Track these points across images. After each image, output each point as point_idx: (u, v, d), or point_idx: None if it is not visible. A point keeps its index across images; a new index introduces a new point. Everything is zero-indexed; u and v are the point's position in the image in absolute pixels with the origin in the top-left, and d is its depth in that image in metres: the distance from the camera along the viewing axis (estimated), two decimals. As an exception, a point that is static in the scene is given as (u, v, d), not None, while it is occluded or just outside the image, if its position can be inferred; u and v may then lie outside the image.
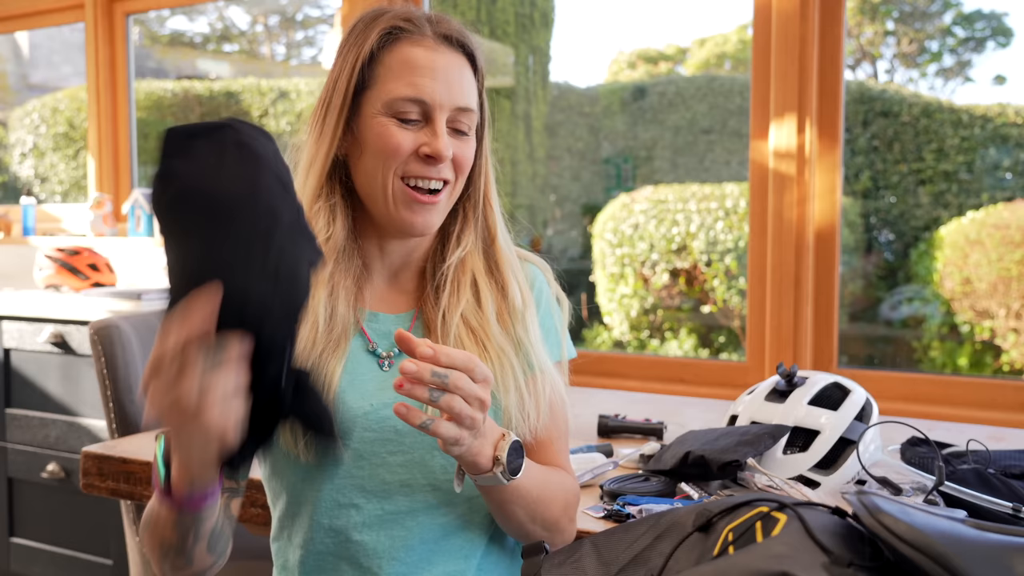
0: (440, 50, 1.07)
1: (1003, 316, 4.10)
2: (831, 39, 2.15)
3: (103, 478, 1.54)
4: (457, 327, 1.10)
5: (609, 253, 5.01)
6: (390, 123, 1.05)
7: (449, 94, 1.06)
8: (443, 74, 1.06)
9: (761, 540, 0.72)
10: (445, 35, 1.08)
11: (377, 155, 1.06)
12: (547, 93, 5.95)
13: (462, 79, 1.08)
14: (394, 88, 1.05)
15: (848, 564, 0.67)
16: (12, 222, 3.61)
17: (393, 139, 1.05)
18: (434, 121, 1.05)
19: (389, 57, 1.06)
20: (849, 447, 1.30)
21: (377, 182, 1.07)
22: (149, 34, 5.74)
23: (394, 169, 1.05)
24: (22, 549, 2.90)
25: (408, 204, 1.06)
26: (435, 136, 1.05)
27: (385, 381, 1.09)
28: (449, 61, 1.07)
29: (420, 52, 1.06)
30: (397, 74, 1.05)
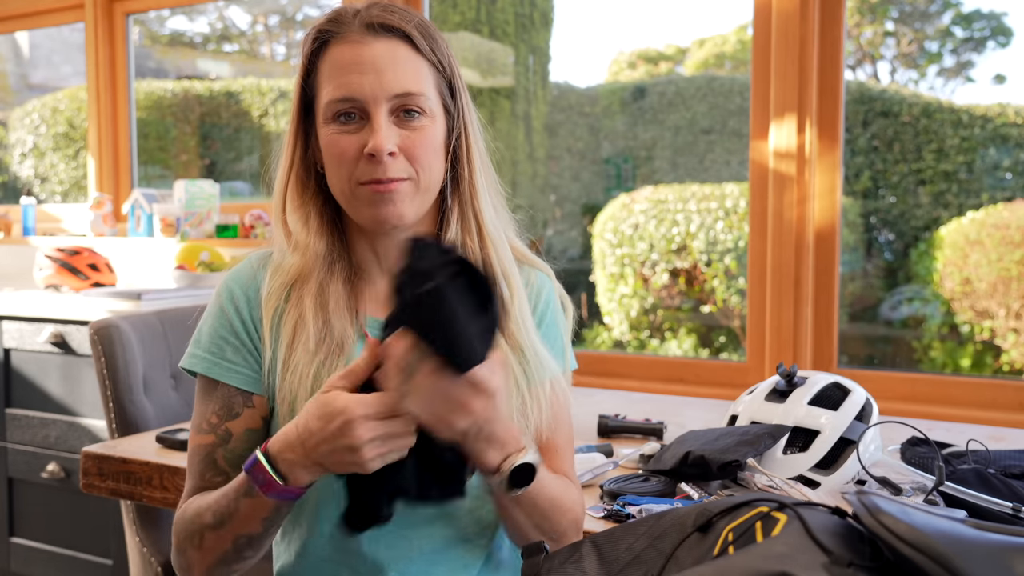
0: (365, 41, 1.04)
1: (1003, 316, 4.10)
2: (831, 39, 2.15)
3: (103, 478, 1.54)
4: None
5: (609, 253, 5.01)
6: (333, 130, 1.04)
7: (381, 84, 1.02)
8: (372, 66, 1.03)
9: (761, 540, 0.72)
10: (369, 24, 1.04)
11: (331, 164, 1.06)
12: (547, 93, 5.94)
13: (396, 64, 1.04)
14: (328, 92, 1.04)
15: (848, 564, 0.67)
16: (12, 222, 3.61)
17: (337, 147, 1.04)
18: (372, 116, 1.03)
19: (322, 64, 1.06)
20: (849, 447, 1.30)
21: (339, 190, 1.06)
22: (149, 34, 5.74)
23: (348, 176, 1.04)
24: (22, 549, 2.90)
25: (370, 201, 1.04)
26: (373, 132, 1.02)
27: None
28: (376, 51, 1.03)
29: (346, 49, 1.04)
30: (329, 78, 1.04)
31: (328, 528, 1.07)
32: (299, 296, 1.07)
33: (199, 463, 1.08)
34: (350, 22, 1.05)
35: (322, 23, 1.06)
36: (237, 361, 1.08)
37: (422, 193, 1.07)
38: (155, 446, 1.60)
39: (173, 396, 1.96)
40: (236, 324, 1.09)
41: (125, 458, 1.52)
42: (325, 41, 1.06)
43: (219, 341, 1.09)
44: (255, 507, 0.95)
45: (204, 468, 1.08)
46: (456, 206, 1.12)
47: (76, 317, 2.71)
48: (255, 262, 1.13)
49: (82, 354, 2.71)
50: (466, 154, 1.11)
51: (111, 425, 1.82)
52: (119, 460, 1.53)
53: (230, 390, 1.08)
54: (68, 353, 2.75)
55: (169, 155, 5.34)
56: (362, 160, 1.03)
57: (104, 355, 1.81)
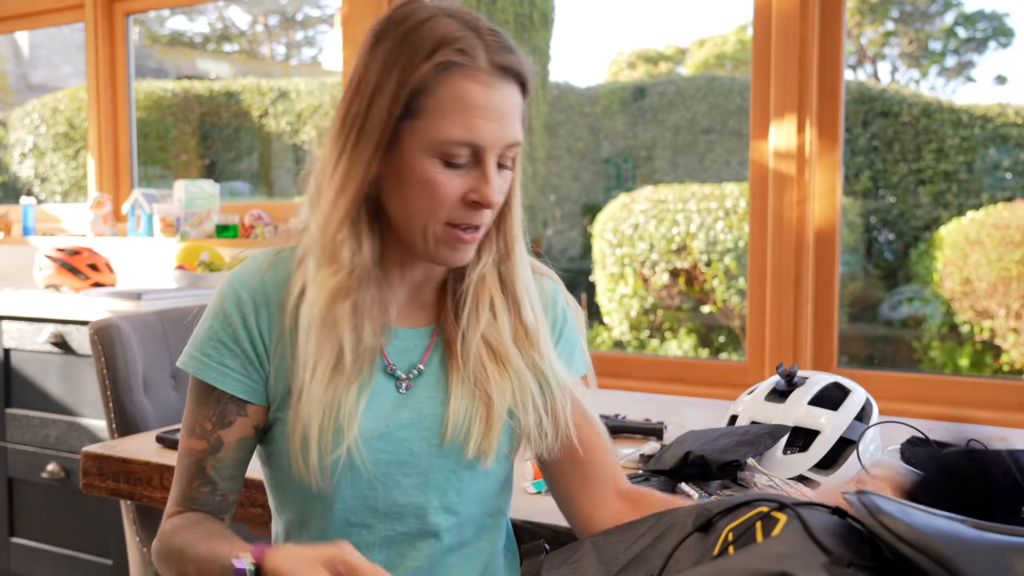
0: (496, 86, 0.97)
1: (1003, 316, 4.10)
2: (831, 39, 2.15)
3: (103, 478, 1.54)
4: (477, 347, 1.07)
5: (609, 253, 5.01)
6: (437, 167, 0.97)
7: (502, 133, 0.98)
8: (498, 113, 0.97)
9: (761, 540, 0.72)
10: (502, 67, 0.98)
11: (420, 198, 0.98)
12: (547, 93, 5.94)
13: (514, 114, 0.99)
14: (446, 129, 0.96)
15: (848, 564, 0.67)
16: (12, 222, 3.61)
17: (441, 187, 0.97)
18: (484, 164, 0.98)
19: (441, 90, 0.96)
20: (849, 447, 1.30)
21: (417, 222, 1.00)
22: (149, 34, 5.74)
23: (439, 216, 0.98)
24: (22, 549, 2.90)
25: (449, 243, 1.00)
26: (485, 182, 0.98)
27: (402, 402, 1.06)
28: (505, 96, 0.98)
29: (476, 90, 0.96)
30: (450, 112, 0.96)
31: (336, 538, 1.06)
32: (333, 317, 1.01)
33: (188, 468, 1.07)
34: (478, 54, 0.96)
35: (445, 50, 0.96)
36: (236, 368, 1.05)
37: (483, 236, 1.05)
38: (155, 446, 1.60)
39: (173, 396, 1.96)
40: (239, 331, 1.04)
41: (125, 458, 1.52)
42: (446, 68, 0.96)
43: (218, 345, 1.05)
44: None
45: (192, 475, 1.07)
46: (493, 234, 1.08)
47: (76, 317, 2.71)
48: (262, 263, 1.08)
49: (82, 354, 2.71)
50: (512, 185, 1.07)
51: (111, 425, 1.82)
52: (119, 460, 1.53)
53: (225, 396, 1.05)
54: (68, 353, 2.75)
55: (169, 155, 5.34)
56: (460, 203, 0.98)
57: (104, 355, 1.81)
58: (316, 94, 5.46)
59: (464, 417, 1.06)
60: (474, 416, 1.06)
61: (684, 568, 0.78)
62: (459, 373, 1.07)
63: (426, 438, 1.06)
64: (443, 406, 1.07)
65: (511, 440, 1.10)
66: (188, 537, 1.01)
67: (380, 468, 1.03)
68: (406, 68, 0.96)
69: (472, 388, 1.07)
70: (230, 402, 1.05)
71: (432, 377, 1.08)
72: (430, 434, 1.06)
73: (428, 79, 0.96)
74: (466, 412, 1.06)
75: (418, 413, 1.06)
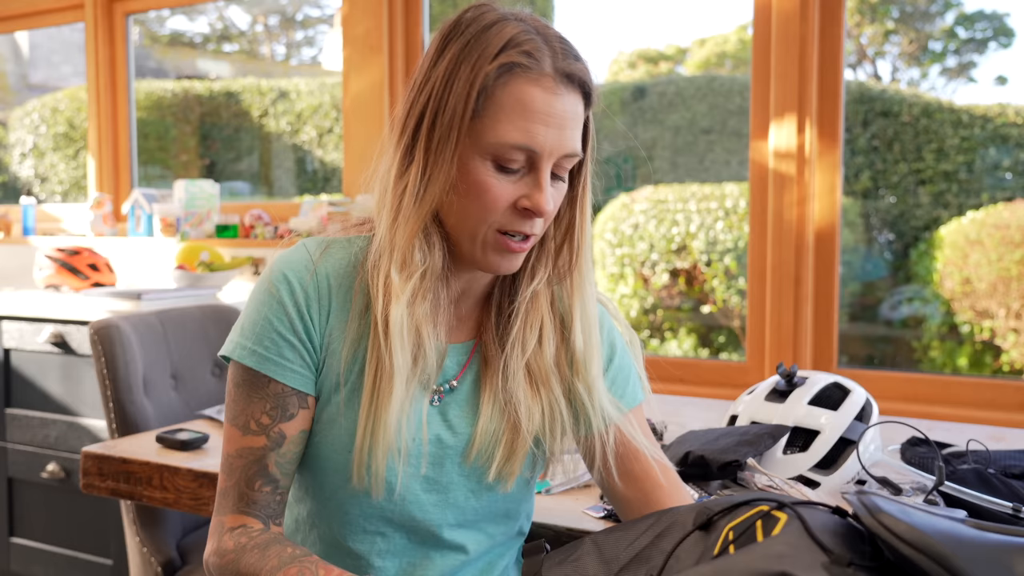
0: (559, 92, 0.96)
1: (1003, 316, 4.10)
2: (831, 39, 2.15)
3: (103, 478, 1.54)
4: (517, 368, 1.04)
5: (609, 253, 5.01)
6: (491, 171, 0.96)
7: (560, 141, 0.96)
8: (558, 120, 0.95)
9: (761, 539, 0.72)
10: (567, 74, 0.96)
11: (472, 202, 0.97)
12: (547, 93, 5.94)
13: (576, 123, 0.98)
14: (504, 131, 0.94)
15: (848, 564, 0.67)
16: (12, 222, 3.61)
17: (492, 191, 0.96)
18: (539, 171, 0.96)
19: (503, 93, 0.95)
20: (849, 447, 1.30)
21: (467, 226, 0.98)
22: (149, 34, 5.74)
23: (490, 221, 0.97)
24: (22, 549, 2.90)
25: (498, 250, 0.99)
26: (538, 189, 0.96)
27: (431, 417, 1.04)
28: (567, 104, 0.96)
29: (538, 94, 0.94)
30: (509, 115, 0.94)
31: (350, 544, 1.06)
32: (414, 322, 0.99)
33: (247, 467, 1.01)
34: (542, 59, 0.95)
35: (511, 51, 0.95)
36: (294, 360, 1.01)
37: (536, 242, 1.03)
38: (155, 446, 1.60)
39: (173, 396, 1.96)
40: (296, 322, 1.01)
41: (125, 458, 1.52)
42: (510, 70, 0.95)
43: (274, 336, 1.01)
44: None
45: (254, 474, 1.01)
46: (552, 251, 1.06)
47: (76, 317, 2.71)
48: (314, 252, 1.04)
49: (82, 354, 2.71)
50: (581, 202, 1.04)
51: (111, 425, 1.82)
52: (119, 460, 1.53)
53: (285, 389, 1.01)
54: (68, 353, 2.75)
55: (169, 155, 5.34)
56: (511, 210, 0.97)
57: (104, 355, 1.81)
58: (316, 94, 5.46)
59: (490, 440, 1.04)
60: (500, 440, 1.04)
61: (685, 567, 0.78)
62: (491, 392, 1.05)
63: (451, 456, 1.05)
64: (471, 427, 1.05)
65: (534, 467, 1.08)
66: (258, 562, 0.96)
67: (401, 481, 1.02)
68: (474, 68, 0.95)
69: (502, 409, 1.04)
70: (291, 395, 1.01)
71: (463, 394, 1.06)
72: (454, 452, 1.05)
73: (491, 80, 0.94)
74: (493, 434, 1.04)
75: (447, 429, 1.05)
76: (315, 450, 1.04)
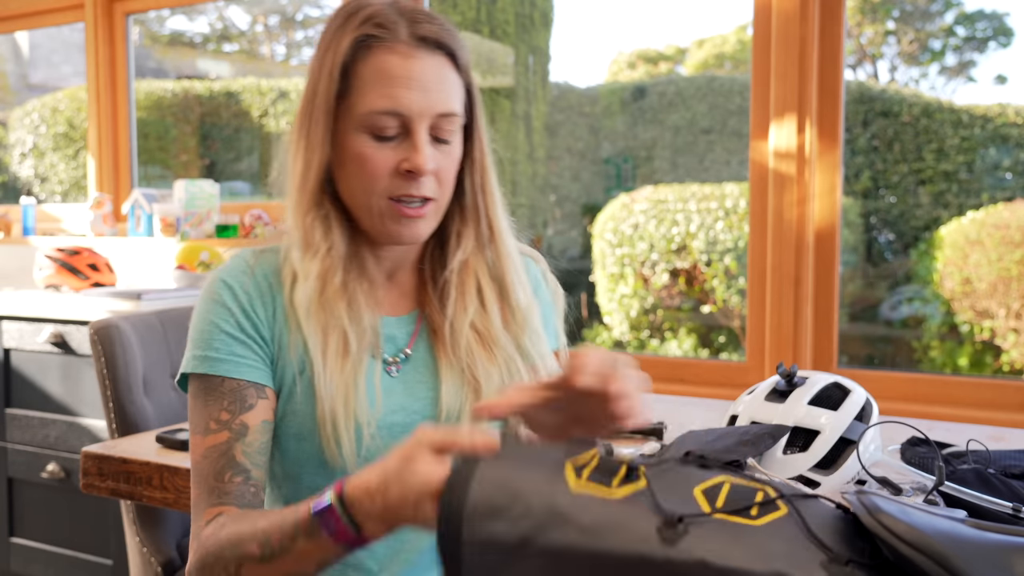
0: (416, 55, 1.00)
1: (1003, 316, 4.10)
2: (831, 39, 2.15)
3: (103, 478, 1.54)
4: (467, 334, 1.07)
5: (609, 253, 5.01)
6: (367, 141, 1.01)
7: (428, 102, 1.00)
8: (420, 82, 0.99)
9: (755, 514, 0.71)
10: (421, 37, 1.00)
11: (357, 174, 1.02)
12: (547, 93, 5.95)
13: (442, 83, 1.01)
14: (370, 101, 0.99)
15: (847, 562, 0.67)
16: (12, 222, 3.61)
17: (371, 160, 1.00)
18: (414, 133, 1.00)
19: (363, 67, 1.00)
20: (849, 447, 1.30)
21: (360, 200, 1.03)
22: (149, 34, 5.74)
23: (378, 190, 1.01)
24: (22, 549, 2.90)
25: (395, 218, 1.02)
26: (415, 150, 1.00)
27: (392, 387, 1.07)
28: (426, 66, 1.00)
29: (395, 60, 0.99)
30: (372, 85, 0.99)
31: None
32: (325, 299, 1.03)
33: (214, 463, 1.00)
34: (396, 28, 1.00)
35: (365, 25, 1.00)
36: (245, 355, 1.03)
37: (439, 212, 1.06)
38: (155, 446, 1.60)
39: (173, 396, 1.96)
40: (242, 319, 1.04)
41: (125, 458, 1.52)
42: (367, 44, 1.00)
43: (223, 336, 1.03)
44: (315, 550, 0.86)
45: (222, 467, 1.00)
46: (471, 218, 1.10)
47: (76, 317, 2.71)
48: (249, 259, 1.10)
49: (82, 354, 2.71)
50: (480, 166, 1.08)
51: (111, 425, 1.82)
52: (119, 460, 1.53)
53: (240, 383, 1.02)
54: (68, 353, 2.75)
55: (169, 155, 5.34)
56: (396, 175, 1.01)
57: (104, 355, 1.81)
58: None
59: (456, 404, 1.07)
60: (465, 403, 1.07)
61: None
62: (446, 358, 1.08)
63: (419, 422, 1.06)
64: (433, 390, 1.07)
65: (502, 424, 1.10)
66: (242, 525, 0.93)
67: (373, 454, 1.02)
68: (336, 50, 1.01)
69: (461, 373, 1.07)
70: (247, 387, 1.02)
71: (420, 362, 1.09)
72: (421, 417, 1.06)
73: (350, 57, 1.00)
74: (456, 397, 1.07)
75: (410, 396, 1.07)
76: (287, 443, 1.06)
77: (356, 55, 1.00)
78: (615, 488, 0.74)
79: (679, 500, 0.72)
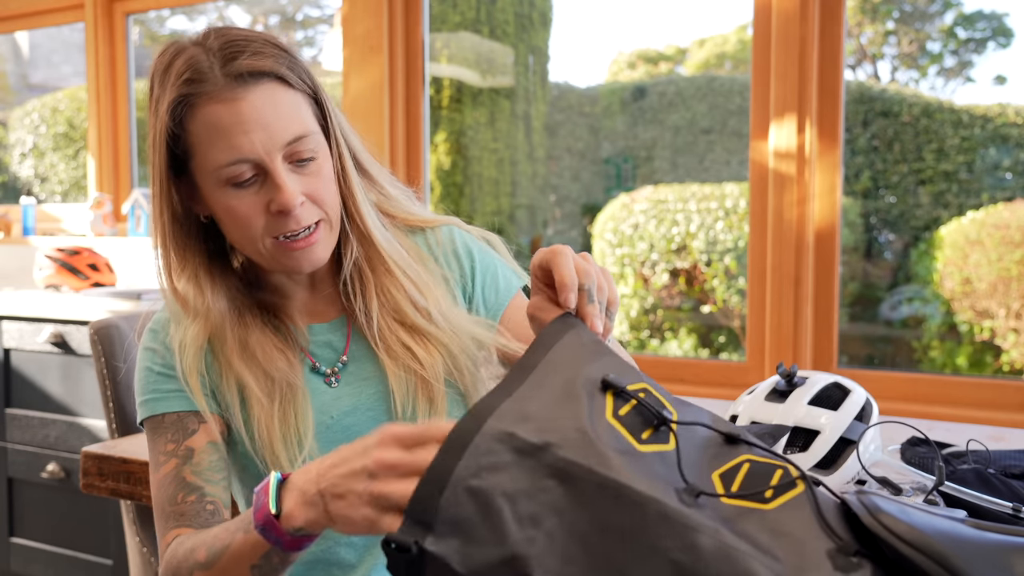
0: (240, 96, 0.95)
1: (1003, 316, 4.10)
2: (831, 39, 2.15)
3: (103, 478, 1.54)
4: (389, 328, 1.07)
5: (609, 253, 5.01)
6: (229, 193, 0.97)
7: (271, 137, 0.95)
8: (254, 121, 0.95)
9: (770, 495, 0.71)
10: (237, 75, 0.95)
11: (233, 226, 1.00)
12: (547, 93, 5.94)
13: (278, 110, 0.96)
14: (212, 157, 0.96)
15: (855, 552, 0.67)
16: (12, 222, 3.61)
17: (238, 210, 0.98)
18: (270, 172, 0.96)
19: (192, 126, 0.96)
20: (849, 447, 1.30)
21: (246, 247, 1.02)
22: (149, 34, 5.74)
23: (258, 236, 0.99)
24: (22, 549, 2.90)
25: (287, 255, 1.00)
26: (278, 190, 0.96)
27: (338, 393, 1.07)
28: (254, 102, 0.95)
29: (220, 110, 0.95)
30: (208, 142, 0.96)
31: None
32: (225, 359, 1.04)
33: (167, 489, 1.01)
34: (210, 75, 0.95)
35: (179, 85, 0.95)
36: (178, 388, 1.04)
37: (333, 228, 1.04)
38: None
39: (173, 396, 1.96)
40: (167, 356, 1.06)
41: (125, 458, 1.52)
42: (190, 104, 0.96)
43: (154, 378, 1.06)
44: (246, 546, 0.83)
45: (173, 492, 1.00)
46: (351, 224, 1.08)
47: (76, 317, 2.71)
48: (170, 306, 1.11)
49: (82, 354, 2.71)
50: (342, 169, 1.05)
51: (111, 425, 1.82)
52: (119, 460, 1.53)
53: (179, 415, 1.04)
54: (68, 353, 2.75)
55: (169, 155, 5.34)
56: (269, 216, 0.98)
57: (104, 355, 1.81)
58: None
59: (407, 394, 1.05)
60: (416, 392, 1.06)
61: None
62: (384, 354, 1.07)
63: (372, 417, 1.06)
64: (381, 384, 1.07)
65: (464, 403, 1.09)
66: (196, 537, 0.94)
67: None
68: (159, 116, 0.97)
69: (405, 365, 1.06)
70: (186, 416, 1.04)
71: (361, 364, 1.09)
72: (376, 413, 1.06)
73: (177, 120, 0.96)
74: (406, 387, 1.06)
75: (357, 396, 1.07)
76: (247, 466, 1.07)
77: (182, 117, 0.97)
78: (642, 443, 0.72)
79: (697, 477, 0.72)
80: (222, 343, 1.04)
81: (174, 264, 1.04)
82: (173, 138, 0.98)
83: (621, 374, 0.77)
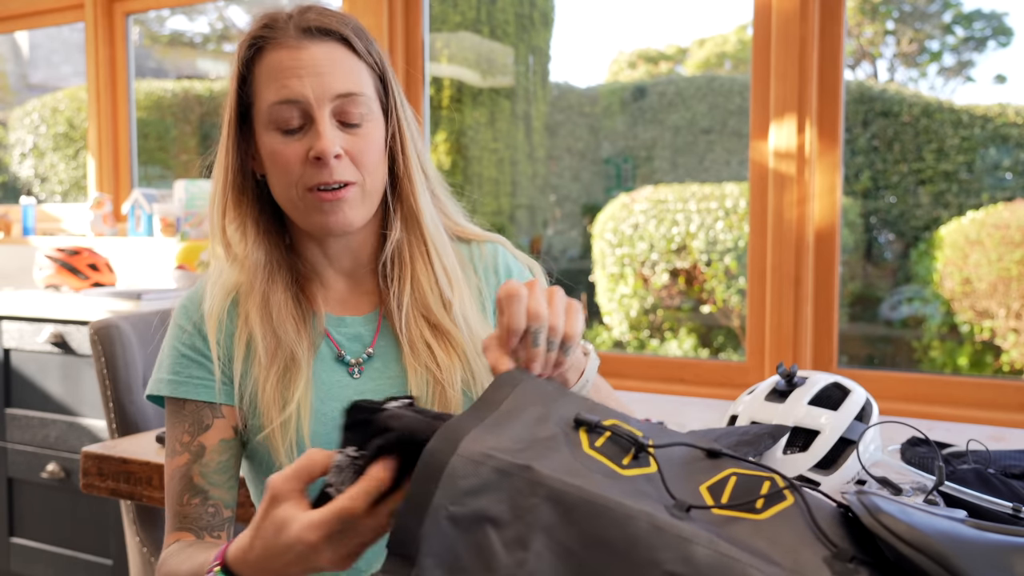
0: (303, 45, 1.02)
1: (1003, 316, 4.10)
2: (831, 39, 2.15)
3: (103, 478, 1.54)
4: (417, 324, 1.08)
5: (609, 253, 5.01)
6: (276, 138, 1.03)
7: (322, 85, 1.01)
8: (311, 68, 1.01)
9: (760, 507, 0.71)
10: (306, 28, 1.03)
11: (276, 172, 1.04)
12: (547, 93, 5.95)
13: (336, 66, 1.03)
14: (267, 96, 1.03)
15: (851, 559, 0.67)
16: (12, 222, 3.61)
17: (281, 155, 1.03)
18: (315, 120, 1.02)
19: (258, 69, 1.04)
20: (849, 447, 1.30)
21: (283, 196, 1.05)
22: (149, 34, 5.74)
23: (294, 182, 1.03)
24: (22, 549, 2.90)
25: (317, 207, 1.03)
26: (318, 136, 1.01)
27: (359, 386, 1.08)
28: (316, 53, 1.02)
29: (283, 54, 1.02)
30: (267, 83, 1.03)
31: None
32: (245, 311, 1.07)
33: (176, 486, 1.06)
34: (285, 26, 1.03)
35: (255, 29, 1.04)
36: (202, 376, 1.07)
37: (368, 197, 1.06)
38: (155, 446, 1.60)
39: (173, 396, 1.96)
40: (197, 340, 1.08)
41: (125, 458, 1.52)
42: (260, 47, 1.04)
43: (181, 359, 1.08)
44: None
45: (181, 490, 1.05)
46: (398, 207, 1.11)
47: (76, 317, 2.71)
48: (207, 279, 1.14)
49: (82, 354, 2.71)
50: (401, 152, 1.09)
51: (111, 425, 1.82)
52: (119, 460, 1.53)
53: (199, 405, 1.07)
54: (68, 353, 2.75)
55: (169, 155, 5.34)
56: (307, 165, 1.02)
57: (104, 355, 1.81)
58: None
59: (424, 392, 1.07)
60: (433, 396, 1.07)
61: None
62: (408, 354, 1.08)
63: None
64: (402, 382, 1.08)
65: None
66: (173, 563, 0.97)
67: None
68: (236, 63, 1.06)
69: (426, 366, 1.07)
70: (204, 408, 1.07)
71: (383, 360, 1.10)
72: None
73: (248, 66, 1.05)
74: (425, 391, 1.07)
75: (376, 392, 1.08)
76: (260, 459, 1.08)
77: (251, 60, 1.04)
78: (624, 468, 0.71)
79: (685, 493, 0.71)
80: (248, 293, 1.07)
81: (229, 208, 1.08)
82: (241, 80, 1.05)
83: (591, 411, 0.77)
